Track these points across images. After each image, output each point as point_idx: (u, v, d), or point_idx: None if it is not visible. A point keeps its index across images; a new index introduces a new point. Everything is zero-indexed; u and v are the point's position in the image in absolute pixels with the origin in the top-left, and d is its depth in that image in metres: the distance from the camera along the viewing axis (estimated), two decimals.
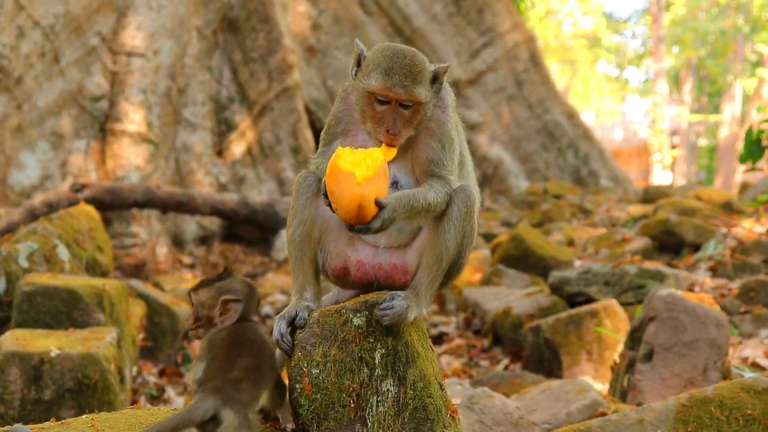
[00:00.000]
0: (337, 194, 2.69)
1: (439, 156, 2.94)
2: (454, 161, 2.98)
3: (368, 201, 2.68)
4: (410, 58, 2.89)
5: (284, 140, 15.81)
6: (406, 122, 2.87)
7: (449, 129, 2.99)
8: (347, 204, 2.67)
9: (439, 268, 2.91)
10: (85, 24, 14.05)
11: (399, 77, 2.84)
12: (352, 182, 2.67)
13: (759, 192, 11.66)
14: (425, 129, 2.97)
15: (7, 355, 4.67)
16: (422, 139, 2.96)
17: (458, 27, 19.58)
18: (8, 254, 5.93)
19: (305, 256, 2.99)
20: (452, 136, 2.99)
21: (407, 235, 2.99)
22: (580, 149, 19.62)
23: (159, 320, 7.01)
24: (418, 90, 2.85)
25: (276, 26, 16.01)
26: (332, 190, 2.70)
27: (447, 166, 2.94)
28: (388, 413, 2.76)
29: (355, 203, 2.67)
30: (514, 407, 4.21)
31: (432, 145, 2.95)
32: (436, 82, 2.95)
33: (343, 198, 2.68)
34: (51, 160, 13.55)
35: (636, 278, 7.03)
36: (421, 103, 2.87)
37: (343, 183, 2.68)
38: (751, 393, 3.18)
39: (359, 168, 2.69)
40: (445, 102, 3.01)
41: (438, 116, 2.98)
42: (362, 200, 2.67)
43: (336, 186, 2.69)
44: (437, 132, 2.96)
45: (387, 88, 2.83)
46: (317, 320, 2.82)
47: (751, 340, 6.16)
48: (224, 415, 2.81)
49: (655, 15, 37.49)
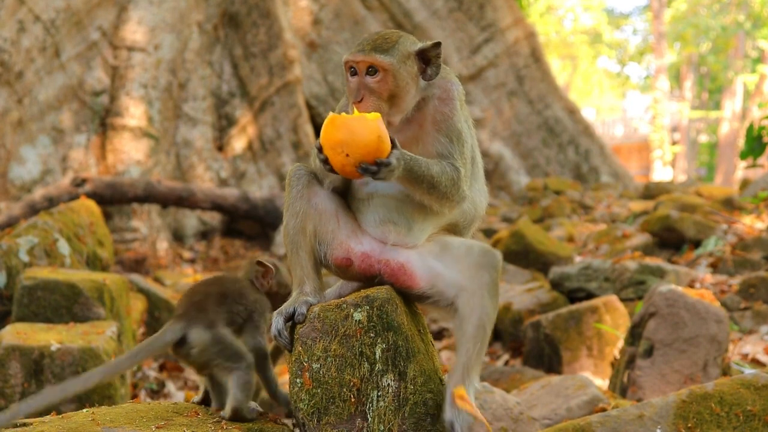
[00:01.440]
0: (349, 138, 2.68)
1: (448, 150, 2.92)
2: (464, 156, 2.95)
3: (384, 134, 2.70)
4: (383, 32, 2.94)
5: (285, 135, 15.80)
6: (372, 91, 2.85)
7: (455, 122, 2.96)
8: (365, 137, 2.67)
9: (485, 337, 2.88)
10: (86, 18, 14.04)
11: (362, 44, 2.89)
12: (365, 120, 2.69)
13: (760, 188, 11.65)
14: (432, 123, 2.94)
15: (8, 349, 4.67)
16: (429, 133, 2.94)
17: (459, 22, 19.56)
18: (9, 248, 5.93)
19: (301, 249, 2.97)
20: (459, 129, 2.96)
21: (417, 234, 2.96)
22: (580, 145, 19.61)
23: (159, 315, 7.02)
24: (380, 55, 2.85)
25: (277, 21, 15.99)
26: (341, 140, 2.68)
27: (457, 160, 2.92)
28: (389, 408, 2.76)
29: (374, 134, 2.67)
30: (514, 402, 4.21)
31: (440, 139, 2.93)
32: (429, 64, 2.93)
33: (358, 135, 2.67)
34: (51, 154, 13.54)
35: (636, 274, 7.03)
36: (386, 70, 2.85)
37: (354, 124, 2.69)
38: (751, 389, 3.18)
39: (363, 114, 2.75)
40: (449, 95, 2.99)
41: (442, 109, 2.96)
42: (380, 131, 2.69)
43: (345, 131, 2.68)
44: (443, 126, 2.94)
45: (350, 54, 2.88)
46: (318, 315, 2.82)
47: (752, 337, 6.16)
48: (192, 334, 3.03)
49: (657, 11, 37.44)
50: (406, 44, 2.91)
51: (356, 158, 2.68)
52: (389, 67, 2.85)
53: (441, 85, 2.99)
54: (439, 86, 2.99)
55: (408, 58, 2.89)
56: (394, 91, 2.87)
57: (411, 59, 2.90)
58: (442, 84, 2.99)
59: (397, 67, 2.86)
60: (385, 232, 2.94)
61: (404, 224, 2.94)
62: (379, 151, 2.69)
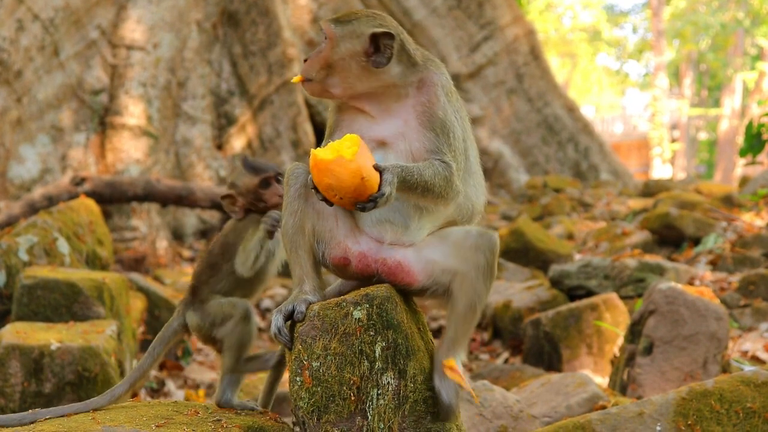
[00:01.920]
0: (335, 183, 2.67)
1: (435, 145, 2.88)
2: (453, 148, 2.90)
3: (368, 171, 2.68)
4: (360, 9, 3.03)
5: (284, 134, 15.80)
6: (315, 56, 2.93)
7: (437, 110, 2.91)
8: (349, 182, 2.66)
9: (474, 317, 2.92)
10: (85, 17, 14.03)
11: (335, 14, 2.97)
12: (344, 162, 2.66)
13: (759, 186, 11.65)
14: (415, 116, 2.92)
15: (8, 348, 4.67)
16: (413, 128, 2.91)
17: (458, 20, 19.55)
18: (8, 247, 5.93)
19: (300, 248, 2.96)
20: (443, 119, 2.91)
21: (414, 233, 2.95)
22: (580, 143, 19.60)
23: (159, 314, 7.01)
24: (331, 24, 2.91)
25: (276, 19, 15.99)
26: (329, 184, 2.68)
27: (446, 154, 2.88)
28: (389, 406, 2.76)
29: (357, 177, 2.65)
30: (514, 400, 4.21)
31: (425, 134, 2.90)
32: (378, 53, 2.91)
33: (343, 180, 2.66)
34: (51, 153, 13.54)
35: (636, 272, 7.04)
36: (330, 40, 2.90)
37: (336, 169, 2.66)
38: (751, 386, 3.18)
39: (342, 150, 2.68)
40: (428, 82, 2.95)
41: (420, 99, 2.93)
42: (362, 171, 2.66)
43: (330, 176, 2.67)
44: (425, 118, 2.91)
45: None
46: (318, 313, 2.81)
47: (751, 334, 6.17)
48: (187, 318, 3.35)
49: (656, 8, 37.44)
50: (365, 24, 2.92)
51: (349, 200, 2.71)
52: (332, 36, 2.91)
53: (420, 75, 2.96)
54: (418, 76, 2.96)
55: (358, 37, 2.90)
56: (330, 61, 2.91)
57: (362, 39, 2.90)
58: (421, 74, 2.96)
59: (339, 40, 2.90)
60: (381, 231, 2.94)
61: (401, 223, 2.93)
62: (369, 189, 2.69)
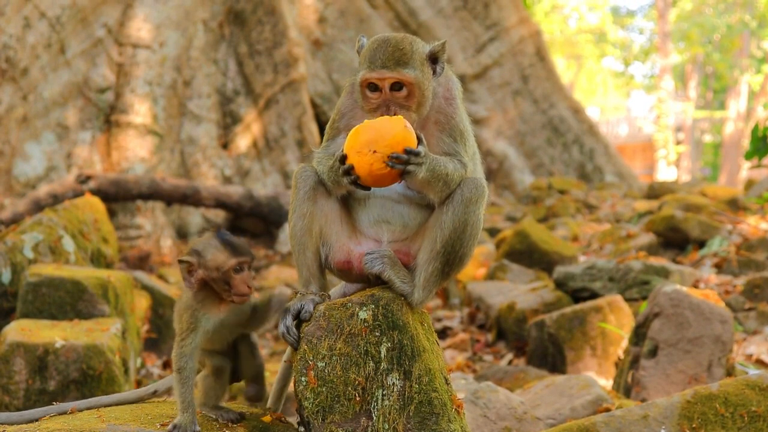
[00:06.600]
0: (375, 135, 2.72)
1: (454, 149, 2.95)
2: (468, 154, 2.99)
3: (410, 125, 2.76)
4: (395, 42, 2.90)
5: (289, 133, 15.80)
6: (402, 105, 2.88)
7: (458, 121, 2.99)
8: (393, 130, 2.72)
9: (433, 249, 2.89)
10: (91, 15, 14.06)
11: (382, 60, 2.87)
12: (387, 118, 2.77)
13: (764, 189, 11.64)
14: (435, 123, 2.97)
15: (12, 345, 4.68)
16: (433, 133, 2.96)
17: (464, 21, 19.54)
18: (13, 245, 5.94)
19: (307, 250, 2.99)
20: (462, 128, 2.99)
21: (412, 229, 2.98)
22: (585, 144, 19.58)
23: (163, 312, 7.02)
24: (405, 70, 2.86)
25: (282, 19, 16.00)
26: (368, 139, 2.73)
27: (464, 156, 2.96)
28: (393, 407, 2.76)
29: (400, 125, 2.72)
30: (518, 402, 4.21)
31: (444, 139, 2.96)
32: (437, 63, 2.96)
33: (386, 129, 2.72)
34: (56, 151, 13.56)
35: (641, 274, 7.02)
36: (413, 84, 2.87)
37: (379, 123, 2.75)
38: (755, 390, 3.17)
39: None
40: (452, 93, 3.02)
41: (445, 108, 2.98)
42: (405, 123, 2.75)
43: (371, 131, 2.74)
44: (447, 126, 2.97)
45: (372, 71, 2.86)
46: (323, 313, 2.82)
47: (756, 337, 6.15)
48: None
49: (662, 10, 37.38)
50: (419, 50, 2.92)
51: (385, 151, 2.70)
52: (414, 80, 2.87)
53: (443, 84, 3.01)
54: (441, 84, 3.00)
55: (423, 64, 2.91)
56: (420, 100, 2.90)
57: (425, 64, 2.93)
58: (443, 82, 3.01)
59: (421, 78, 2.88)
60: (379, 231, 2.97)
61: (398, 222, 2.95)
62: (407, 141, 2.72)
